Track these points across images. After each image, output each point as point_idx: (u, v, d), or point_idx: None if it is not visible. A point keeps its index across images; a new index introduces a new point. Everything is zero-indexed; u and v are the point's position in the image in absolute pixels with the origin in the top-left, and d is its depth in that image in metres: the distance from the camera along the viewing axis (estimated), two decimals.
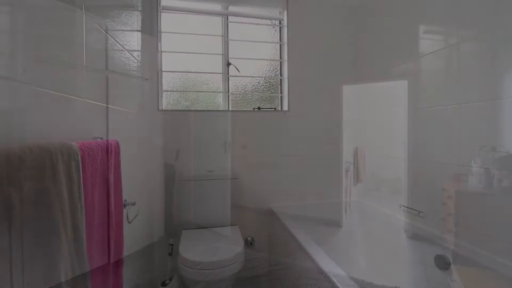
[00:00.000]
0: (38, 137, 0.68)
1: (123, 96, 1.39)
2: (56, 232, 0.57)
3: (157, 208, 1.80)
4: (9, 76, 0.60)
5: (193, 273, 1.27)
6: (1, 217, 0.46)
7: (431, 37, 1.49)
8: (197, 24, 1.97)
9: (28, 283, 0.51)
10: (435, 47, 1.43)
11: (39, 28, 0.71)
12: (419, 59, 1.53)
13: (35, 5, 0.68)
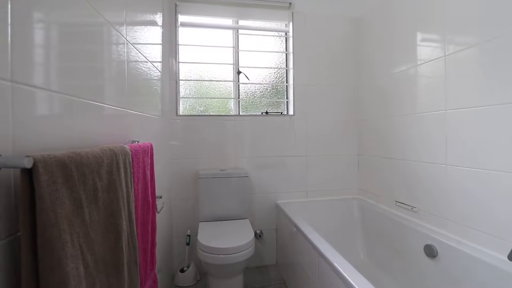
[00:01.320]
0: (87, 140, 0.88)
1: (147, 103, 1.59)
2: (119, 212, 0.77)
3: (176, 202, 2.01)
4: (47, 86, 0.79)
5: (210, 257, 1.47)
6: (90, 199, 0.65)
7: (429, 45, 1.58)
8: (211, 37, 2.17)
9: (95, 255, 0.70)
10: (433, 55, 1.53)
11: (75, 42, 0.77)
12: (417, 66, 1.65)
13: (69, 22, 0.73)
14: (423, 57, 1.60)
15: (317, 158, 2.22)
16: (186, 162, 2.03)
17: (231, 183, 1.95)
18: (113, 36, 1.04)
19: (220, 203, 1.93)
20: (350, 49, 2.27)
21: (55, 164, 0.53)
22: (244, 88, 2.24)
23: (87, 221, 0.63)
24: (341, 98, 2.26)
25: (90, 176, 0.65)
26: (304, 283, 1.54)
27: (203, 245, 1.50)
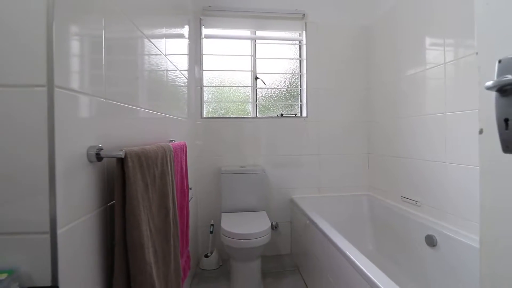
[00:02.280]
0: (138, 140, 1.12)
1: (178, 107, 1.83)
2: (167, 195, 1.00)
3: (200, 195, 2.25)
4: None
5: (233, 242, 1.69)
6: (152, 183, 0.88)
7: (437, 49, 1.69)
8: (231, 46, 2.40)
9: (154, 223, 0.93)
10: (435, 61, 1.67)
11: (118, 53, 0.84)
12: (423, 71, 1.77)
13: (112, 37, 0.80)
14: (428, 62, 1.75)
15: (329, 157, 2.40)
16: (209, 159, 2.27)
17: (250, 179, 2.16)
18: (152, 49, 1.28)
19: (240, 197, 2.15)
20: (359, 55, 2.43)
21: (134, 155, 0.76)
22: (261, 92, 2.45)
23: (150, 198, 0.86)
24: (351, 101, 2.43)
25: (152, 165, 0.88)
26: (316, 270, 1.72)
27: (227, 231, 1.72)
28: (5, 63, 0.53)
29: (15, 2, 0.53)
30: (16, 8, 0.53)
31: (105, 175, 0.76)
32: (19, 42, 0.53)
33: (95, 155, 0.67)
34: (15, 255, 0.54)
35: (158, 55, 1.32)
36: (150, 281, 0.76)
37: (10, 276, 0.52)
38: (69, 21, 0.60)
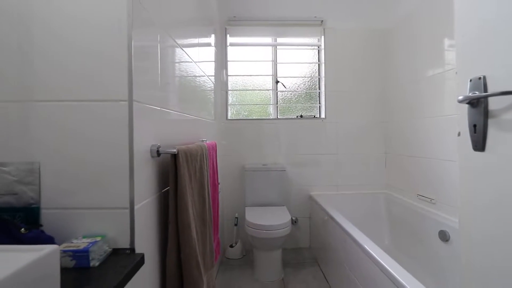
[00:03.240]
0: (180, 139, 1.31)
1: (206, 110, 2.02)
2: (204, 187, 1.18)
3: (225, 191, 2.44)
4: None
5: (256, 232, 1.86)
6: (194, 175, 1.07)
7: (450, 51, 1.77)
8: (253, 52, 2.58)
9: (196, 209, 1.11)
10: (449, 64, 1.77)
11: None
12: (444, 72, 1.82)
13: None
14: (447, 64, 1.81)
15: (347, 156, 2.51)
16: (234, 158, 2.46)
17: (271, 176, 2.33)
18: (186, 58, 1.48)
19: (262, 192, 2.32)
20: (376, 57, 2.52)
21: (183, 152, 0.95)
22: (281, 95, 2.61)
23: (192, 187, 1.05)
24: (368, 102, 2.52)
25: (194, 161, 1.07)
26: (334, 262, 1.85)
27: (251, 223, 1.90)
28: (102, 84, 0.73)
29: (104, 36, 0.73)
30: (107, 43, 0.73)
31: (161, 168, 0.96)
32: (111, 71, 0.73)
33: (156, 151, 0.87)
34: (106, 224, 0.74)
35: (190, 62, 1.50)
36: (194, 254, 0.95)
37: (103, 239, 0.72)
38: (140, 49, 0.80)
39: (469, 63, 0.59)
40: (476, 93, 0.56)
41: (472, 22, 0.58)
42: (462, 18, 0.61)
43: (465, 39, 0.60)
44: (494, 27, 0.53)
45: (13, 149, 0.73)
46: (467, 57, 0.60)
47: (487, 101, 0.55)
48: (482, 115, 0.55)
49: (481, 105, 0.55)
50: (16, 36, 0.73)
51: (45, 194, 0.73)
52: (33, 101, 0.73)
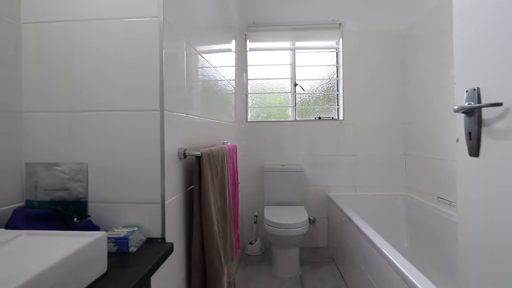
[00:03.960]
0: (203, 141, 1.42)
1: (227, 113, 2.13)
2: (225, 185, 1.29)
3: (245, 190, 2.55)
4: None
5: (275, 230, 1.94)
6: (216, 175, 1.17)
7: None
8: (272, 57, 2.66)
9: (217, 206, 1.22)
10: None
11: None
12: None
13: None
14: None
15: (365, 158, 2.52)
16: (253, 159, 2.56)
17: (289, 176, 2.40)
18: (209, 63, 1.59)
19: (280, 192, 2.40)
20: (395, 58, 2.51)
21: (206, 154, 1.06)
22: (299, 97, 2.67)
23: (214, 186, 1.15)
24: (387, 103, 2.52)
25: (216, 162, 1.17)
26: (351, 262, 1.88)
27: (270, 221, 1.98)
28: (138, 97, 0.85)
29: (138, 52, 0.85)
30: (142, 61, 0.85)
31: (187, 168, 1.07)
32: (145, 85, 0.85)
33: (182, 153, 0.98)
34: (142, 216, 0.86)
35: (211, 68, 1.60)
36: (216, 246, 1.05)
37: (139, 229, 0.84)
38: (169, 64, 0.91)
39: (466, 74, 0.63)
40: (471, 104, 0.60)
41: (468, 36, 0.63)
42: (459, 32, 0.66)
43: (463, 52, 0.64)
44: (487, 42, 0.58)
45: (65, 152, 0.87)
46: (464, 69, 0.64)
47: (480, 111, 0.59)
48: (476, 124, 0.59)
49: (475, 114, 0.60)
50: (64, 60, 0.87)
51: (91, 190, 0.86)
52: (80, 111, 0.86)
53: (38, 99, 0.88)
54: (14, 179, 0.85)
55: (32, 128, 0.87)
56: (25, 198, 0.87)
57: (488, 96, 0.57)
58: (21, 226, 0.75)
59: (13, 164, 0.85)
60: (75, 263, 0.57)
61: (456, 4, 0.69)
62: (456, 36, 0.68)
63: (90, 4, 0.87)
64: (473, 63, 0.62)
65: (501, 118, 0.54)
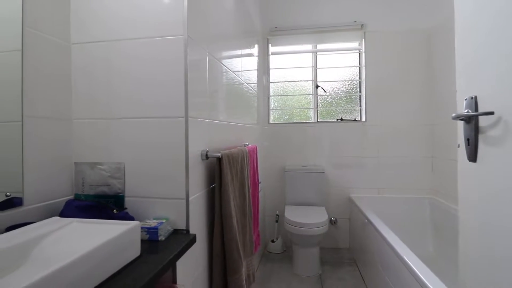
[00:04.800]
0: (225, 144, 1.52)
1: (249, 116, 2.23)
2: (245, 185, 1.38)
3: (267, 189, 2.63)
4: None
5: (295, 229, 2.00)
6: (235, 175, 1.27)
7: None
8: (294, 59, 2.72)
9: (236, 203, 1.31)
10: None
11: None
12: None
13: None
14: None
15: (388, 159, 2.49)
16: (275, 159, 2.63)
17: (310, 177, 2.44)
18: (232, 68, 1.69)
19: (302, 192, 2.45)
20: (420, 58, 2.44)
21: (226, 156, 1.16)
22: (321, 99, 2.70)
23: (234, 185, 1.25)
24: (412, 104, 2.46)
25: (235, 163, 1.27)
26: (372, 265, 1.88)
27: (290, 220, 2.05)
28: (167, 106, 0.97)
29: (164, 68, 0.97)
30: (169, 75, 0.97)
31: (208, 168, 1.18)
32: (172, 97, 0.97)
33: (205, 155, 1.09)
34: (169, 210, 0.98)
35: (233, 73, 1.69)
36: (235, 239, 1.15)
37: (167, 221, 0.95)
38: (192, 76, 1.02)
39: (466, 83, 0.66)
40: (469, 111, 0.64)
41: (469, 47, 0.66)
42: (460, 42, 0.69)
43: (463, 61, 0.67)
44: (483, 56, 0.61)
45: (106, 153, 1.01)
46: (464, 78, 0.67)
47: (477, 119, 0.62)
48: (473, 131, 0.62)
49: (472, 121, 0.63)
50: (104, 74, 1.01)
51: (128, 186, 1.00)
52: (118, 118, 1.00)
53: (84, 108, 1.03)
54: (66, 176, 1.01)
55: (79, 132, 1.03)
56: (74, 192, 1.03)
57: (484, 105, 0.60)
58: (72, 215, 0.90)
59: (64, 164, 1.01)
60: (115, 246, 0.69)
61: (457, 23, 0.73)
62: (457, 49, 0.71)
63: (126, 27, 1.00)
64: (471, 74, 0.65)
65: (494, 126, 0.57)
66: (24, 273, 0.63)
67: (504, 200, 0.55)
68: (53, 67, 0.97)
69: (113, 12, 1.01)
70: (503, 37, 0.55)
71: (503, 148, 0.55)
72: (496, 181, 0.58)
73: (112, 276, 0.67)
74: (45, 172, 0.93)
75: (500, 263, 0.57)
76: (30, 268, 0.64)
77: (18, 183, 0.86)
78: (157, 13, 0.98)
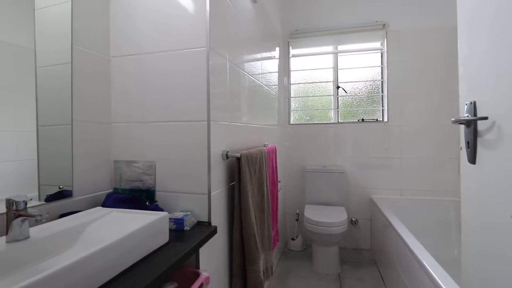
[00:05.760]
0: (246, 144, 1.62)
1: (270, 117, 2.31)
2: (263, 183, 1.47)
3: (287, 189, 2.70)
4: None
5: (314, 228, 2.06)
6: (254, 173, 1.36)
7: None
8: (314, 61, 2.75)
9: (255, 199, 1.40)
10: None
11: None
12: None
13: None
14: None
15: (412, 160, 2.45)
16: (296, 159, 2.69)
17: (330, 177, 2.47)
18: (255, 71, 1.78)
19: (321, 192, 2.49)
20: (443, 56, 2.37)
21: (245, 156, 1.25)
22: (342, 100, 2.71)
23: (252, 183, 1.34)
24: (437, 104, 2.40)
25: (254, 162, 1.37)
26: (391, 267, 1.88)
27: (309, 219, 2.10)
28: (191, 110, 1.09)
29: (190, 79, 1.08)
30: (193, 86, 1.09)
31: (229, 167, 1.28)
32: (197, 102, 1.08)
33: (225, 155, 1.19)
34: (193, 204, 1.09)
35: (253, 77, 1.77)
36: (253, 233, 1.24)
37: (191, 213, 1.07)
38: (214, 82, 1.13)
39: (467, 89, 0.70)
40: (468, 116, 0.67)
41: (470, 53, 0.69)
42: (463, 50, 0.72)
43: (465, 68, 0.70)
44: (483, 60, 0.64)
45: (140, 152, 1.15)
46: (465, 84, 0.71)
47: (476, 123, 0.65)
48: (472, 134, 0.66)
49: (471, 125, 0.66)
50: (138, 83, 1.15)
51: (158, 182, 1.13)
52: (149, 122, 1.14)
53: (121, 113, 1.18)
54: (106, 172, 1.16)
55: (117, 134, 1.18)
56: (113, 186, 1.18)
57: (482, 110, 0.64)
58: (112, 206, 1.04)
59: (105, 162, 1.16)
60: (148, 231, 0.81)
61: (460, 29, 0.76)
62: (459, 55, 0.74)
63: (156, 41, 1.13)
64: (472, 80, 0.68)
65: (490, 130, 0.60)
66: (77, 250, 0.77)
67: (498, 200, 0.59)
68: (96, 77, 1.13)
69: (143, 30, 1.15)
70: (500, 45, 0.58)
71: (497, 151, 0.59)
72: (492, 181, 0.61)
73: (146, 256, 0.79)
74: (89, 168, 1.09)
75: (496, 260, 0.60)
76: (81, 247, 0.78)
77: (69, 178, 1.02)
78: (182, 29, 1.10)
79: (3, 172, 0.84)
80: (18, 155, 0.89)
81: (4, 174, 0.85)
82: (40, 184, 0.94)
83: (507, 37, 0.55)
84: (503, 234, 0.58)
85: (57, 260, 0.72)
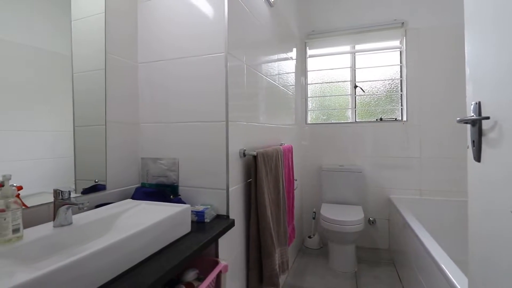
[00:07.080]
0: (263, 143, 1.68)
1: (287, 117, 2.36)
2: (279, 180, 1.53)
3: (304, 187, 2.74)
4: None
5: (330, 226, 2.09)
6: (270, 171, 1.43)
7: None
8: (331, 61, 2.77)
9: (271, 196, 1.47)
10: None
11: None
12: None
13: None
14: None
15: (431, 160, 2.40)
16: (313, 158, 2.72)
17: (347, 177, 2.48)
18: (272, 71, 1.85)
19: (338, 191, 2.50)
20: (463, 54, 2.30)
21: (261, 154, 1.32)
22: (359, 99, 2.71)
23: (268, 180, 1.41)
24: (456, 103, 2.33)
25: (270, 160, 1.43)
26: (409, 267, 1.86)
27: (326, 217, 2.14)
28: (211, 112, 1.17)
29: (209, 85, 1.17)
30: (212, 89, 1.17)
31: (246, 165, 1.36)
32: (216, 104, 1.17)
33: (242, 153, 1.27)
34: (213, 198, 1.18)
35: (270, 79, 1.84)
36: (268, 227, 1.31)
37: (211, 207, 1.15)
38: (232, 84, 1.21)
39: (473, 89, 0.72)
40: (473, 116, 0.70)
41: (476, 55, 0.72)
42: (470, 54, 0.75)
43: (471, 69, 0.73)
44: (487, 61, 0.67)
45: (164, 150, 1.25)
46: (471, 84, 0.73)
47: (481, 122, 0.68)
48: (477, 133, 0.68)
49: (476, 125, 0.69)
50: (162, 86, 1.25)
51: (181, 178, 1.22)
52: (173, 122, 1.24)
53: (148, 114, 1.29)
54: (135, 168, 1.28)
55: (145, 134, 1.29)
56: (141, 181, 1.29)
57: (486, 110, 0.66)
58: (140, 198, 1.15)
59: (134, 159, 1.28)
60: (172, 221, 0.91)
61: (467, 31, 0.78)
62: (466, 56, 0.77)
63: (178, 48, 1.23)
64: (477, 81, 0.71)
65: (492, 130, 0.63)
66: (113, 235, 0.87)
67: (500, 195, 0.62)
68: (126, 81, 1.25)
69: (165, 40, 1.25)
70: (502, 47, 0.61)
71: (499, 149, 0.62)
72: (495, 179, 0.64)
73: (171, 243, 0.88)
74: (121, 165, 1.21)
75: (495, 259, 0.63)
76: (116, 233, 0.88)
77: (103, 173, 1.14)
78: (203, 37, 1.19)
79: (41, 168, 0.94)
80: (54, 153, 0.98)
81: (42, 170, 0.94)
82: (76, 179, 1.05)
83: (507, 37, 0.58)
84: (504, 231, 0.61)
85: (97, 243, 0.82)
